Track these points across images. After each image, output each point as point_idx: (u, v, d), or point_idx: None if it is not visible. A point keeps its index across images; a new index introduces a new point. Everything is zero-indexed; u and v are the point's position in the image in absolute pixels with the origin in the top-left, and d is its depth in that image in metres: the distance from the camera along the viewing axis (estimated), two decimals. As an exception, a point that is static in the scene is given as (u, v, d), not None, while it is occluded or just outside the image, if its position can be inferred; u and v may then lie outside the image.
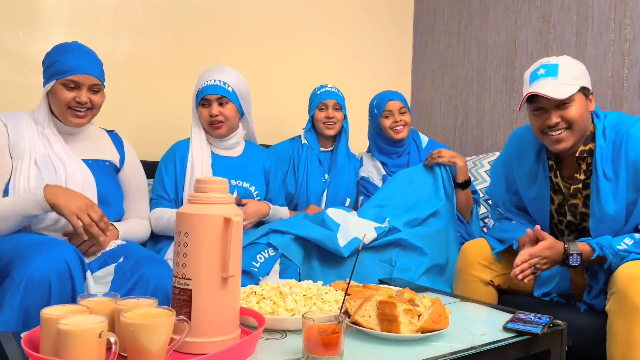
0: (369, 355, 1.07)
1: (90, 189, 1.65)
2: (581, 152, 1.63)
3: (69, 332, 0.87)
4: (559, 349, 1.27)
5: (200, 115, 2.04)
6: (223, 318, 1.03)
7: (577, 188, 1.66)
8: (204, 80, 2.03)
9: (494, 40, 3.00)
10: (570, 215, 1.71)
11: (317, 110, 2.40)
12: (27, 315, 1.30)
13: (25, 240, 1.45)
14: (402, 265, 1.93)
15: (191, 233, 1.02)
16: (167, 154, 2.09)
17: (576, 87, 1.56)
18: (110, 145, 1.84)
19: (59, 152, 1.64)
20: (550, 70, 1.58)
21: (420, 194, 2.18)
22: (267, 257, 1.83)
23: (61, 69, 1.62)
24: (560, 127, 1.58)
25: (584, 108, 1.59)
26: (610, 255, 1.49)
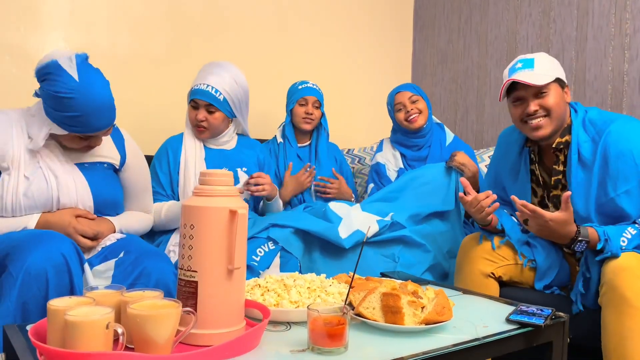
0: (373, 347, 1.07)
1: (85, 197, 1.59)
2: (558, 143, 1.71)
3: (77, 323, 0.87)
4: (561, 340, 1.28)
5: (189, 114, 2.07)
6: (228, 310, 1.04)
7: (557, 179, 1.72)
8: (199, 81, 2.02)
9: (494, 34, 3.00)
10: (552, 207, 1.74)
11: (297, 105, 2.38)
12: (24, 308, 1.30)
13: (21, 234, 1.45)
14: (405, 261, 1.93)
15: (197, 225, 1.02)
16: (160, 151, 2.10)
17: (552, 77, 1.66)
18: (110, 145, 1.72)
19: (52, 162, 1.55)
20: (527, 64, 1.69)
21: (433, 195, 2.15)
22: (267, 250, 1.84)
23: (78, 127, 1.48)
24: (538, 115, 1.67)
25: (560, 98, 1.68)
26: (609, 252, 1.50)
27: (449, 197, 2.15)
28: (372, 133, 3.10)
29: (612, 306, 1.42)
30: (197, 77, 2.06)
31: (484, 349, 1.14)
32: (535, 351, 1.27)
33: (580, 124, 1.68)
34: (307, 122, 2.39)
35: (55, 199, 1.54)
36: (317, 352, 1.01)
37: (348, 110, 3.15)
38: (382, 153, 2.48)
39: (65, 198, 1.55)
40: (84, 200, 1.59)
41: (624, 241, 1.50)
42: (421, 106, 2.36)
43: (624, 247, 1.50)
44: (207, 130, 2.04)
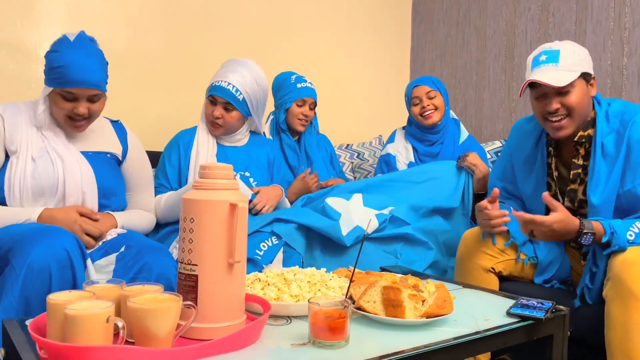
0: (374, 340, 1.07)
1: (90, 182, 1.62)
2: (580, 137, 1.65)
3: (77, 317, 0.87)
4: (562, 334, 1.28)
5: (205, 109, 2.05)
6: (229, 303, 1.03)
7: (576, 173, 1.68)
8: (220, 78, 2.00)
9: (493, 29, 2.99)
10: (568, 201, 1.71)
11: (295, 105, 2.33)
12: (27, 303, 1.30)
13: (24, 228, 1.45)
14: (406, 257, 1.93)
15: (197, 219, 1.01)
16: (171, 143, 2.09)
17: (576, 73, 1.58)
18: (112, 136, 1.79)
19: (57, 146, 1.60)
20: (552, 57, 1.60)
21: (439, 190, 2.13)
22: (270, 245, 1.83)
23: (60, 79, 1.53)
24: (560, 114, 1.61)
25: (584, 94, 1.61)
26: (616, 246, 1.47)
27: (456, 195, 2.14)
28: (371, 128, 3.10)
29: (618, 300, 1.41)
30: (218, 72, 2.04)
31: (484, 342, 1.14)
32: (536, 344, 1.27)
33: (603, 117, 1.62)
34: (302, 125, 2.37)
35: (62, 181, 1.56)
36: (318, 345, 1.01)
37: (346, 105, 3.15)
38: (393, 144, 2.45)
39: (71, 182, 1.57)
40: (89, 186, 1.62)
41: (631, 235, 1.48)
42: (438, 102, 2.33)
43: (631, 241, 1.47)
44: (222, 127, 2.03)
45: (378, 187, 2.14)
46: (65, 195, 1.58)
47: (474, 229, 1.86)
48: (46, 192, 1.56)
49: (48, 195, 1.56)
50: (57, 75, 1.53)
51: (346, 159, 2.86)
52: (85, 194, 1.61)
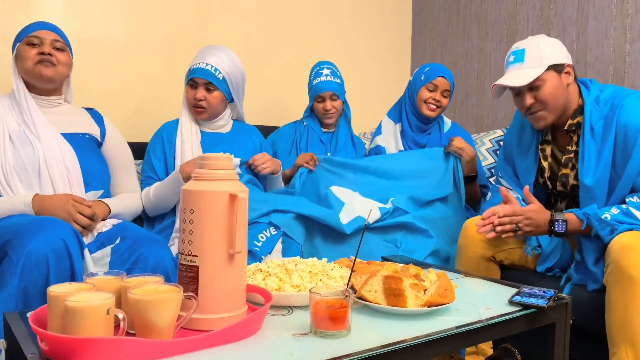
0: (375, 330, 1.07)
1: (71, 160, 1.65)
2: (569, 125, 1.70)
3: (77, 309, 0.86)
4: (564, 322, 1.28)
5: (186, 94, 2.05)
6: (230, 294, 1.03)
7: (568, 158, 1.72)
8: (197, 60, 2.03)
9: (494, 16, 2.97)
10: (560, 185, 1.74)
11: (315, 102, 2.37)
12: (26, 294, 1.30)
13: (21, 220, 1.45)
14: (407, 246, 1.93)
15: (197, 210, 1.01)
16: (155, 136, 2.09)
17: (542, 67, 1.64)
18: (89, 120, 1.84)
19: (35, 127, 1.64)
20: (518, 56, 1.69)
21: (430, 176, 2.15)
22: (269, 236, 1.83)
23: (22, 32, 1.68)
24: (535, 109, 1.68)
25: (556, 86, 1.66)
26: (595, 222, 1.52)
27: (446, 181, 2.15)
28: (371, 117, 3.08)
29: (618, 286, 1.42)
30: (195, 58, 2.05)
31: (486, 331, 1.13)
32: (538, 333, 1.27)
33: (593, 102, 1.66)
34: (327, 118, 2.38)
35: (42, 160, 1.60)
36: (320, 335, 1.00)
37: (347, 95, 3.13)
38: (381, 136, 2.45)
39: (52, 159, 1.61)
40: (72, 163, 1.65)
41: (606, 217, 1.52)
42: (445, 102, 2.34)
43: (608, 219, 1.51)
44: (205, 110, 2.03)
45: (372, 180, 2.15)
46: (50, 174, 1.60)
47: (475, 218, 1.86)
48: (29, 171, 1.59)
49: (32, 174, 1.59)
50: (23, 31, 1.69)
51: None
52: (69, 169, 1.63)
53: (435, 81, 2.30)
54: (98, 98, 1.95)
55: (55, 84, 1.73)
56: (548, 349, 1.28)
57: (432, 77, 2.31)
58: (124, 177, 1.88)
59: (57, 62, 1.69)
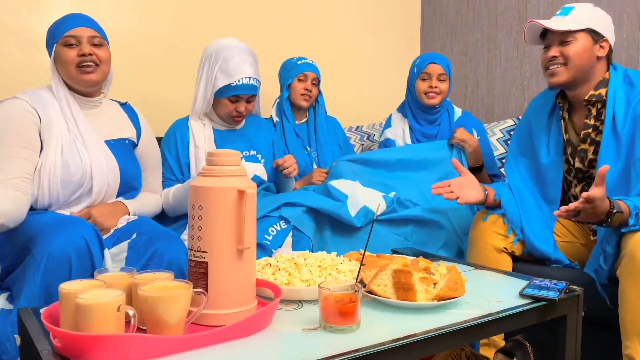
0: (385, 324, 1.07)
1: (114, 177, 1.65)
2: (590, 95, 1.67)
3: (88, 306, 0.87)
4: (575, 314, 1.27)
5: (223, 107, 1.99)
6: (239, 290, 1.03)
7: (586, 133, 1.69)
8: (238, 75, 1.92)
9: (504, 4, 2.93)
10: (578, 162, 1.71)
11: (296, 80, 2.33)
12: (48, 292, 1.32)
13: (44, 218, 1.46)
14: (418, 239, 1.92)
15: (205, 206, 1.01)
16: (168, 135, 2.07)
17: (581, 26, 1.63)
18: (126, 120, 1.81)
19: (83, 135, 1.61)
20: (565, 10, 1.69)
21: (438, 168, 2.14)
22: (279, 229, 1.84)
23: (61, 30, 1.60)
24: (557, 62, 1.66)
25: (586, 49, 1.65)
26: (636, 225, 1.43)
27: (454, 173, 2.12)
28: (381, 109, 3.07)
29: (633, 279, 1.40)
30: (229, 67, 1.93)
31: (497, 324, 1.13)
32: (550, 325, 1.26)
33: (620, 79, 1.65)
34: (305, 99, 2.35)
35: (89, 174, 1.59)
36: (329, 330, 1.01)
37: (355, 86, 3.11)
38: (391, 129, 2.44)
39: (97, 173, 1.60)
40: (113, 179, 1.65)
41: None
42: (444, 87, 2.31)
43: None
44: (243, 118, 2.04)
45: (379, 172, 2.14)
46: (93, 187, 1.61)
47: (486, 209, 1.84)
48: (74, 181, 1.58)
49: (76, 185, 1.58)
50: (57, 31, 1.61)
51: (356, 141, 2.84)
52: (109, 185, 1.64)
53: (426, 69, 2.29)
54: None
55: (100, 85, 1.71)
56: (560, 341, 1.27)
57: (423, 66, 2.30)
58: (150, 177, 1.87)
59: (99, 61, 1.64)
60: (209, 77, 1.97)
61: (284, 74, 2.39)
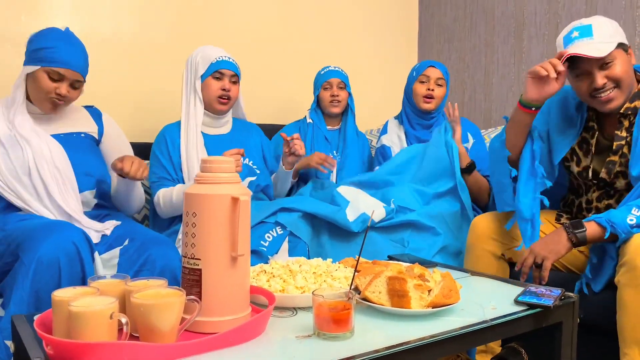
0: (379, 331, 1.07)
1: (62, 161, 1.64)
2: (626, 109, 1.60)
3: (80, 313, 0.87)
4: (571, 321, 1.27)
5: (209, 87, 2.02)
6: (233, 297, 1.03)
7: (619, 145, 1.62)
8: (217, 55, 2.02)
9: (501, 11, 2.94)
10: (605, 173, 1.65)
11: (322, 89, 2.40)
12: (38, 297, 1.32)
13: (33, 223, 1.46)
14: (414, 245, 1.91)
15: (199, 213, 1.01)
16: (158, 139, 2.07)
17: (613, 44, 1.53)
18: (86, 119, 1.83)
19: (24, 132, 1.62)
20: (584, 32, 1.56)
21: (432, 170, 2.13)
22: (275, 235, 1.83)
23: (50, 58, 1.60)
24: (608, 87, 1.56)
25: (627, 63, 1.57)
26: (622, 233, 1.44)
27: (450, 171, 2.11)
28: (378, 115, 3.07)
29: (632, 286, 1.39)
30: (206, 54, 2.04)
31: (492, 331, 1.13)
32: (546, 331, 1.26)
33: None
34: (334, 105, 2.39)
35: (32, 163, 1.59)
36: (323, 337, 1.00)
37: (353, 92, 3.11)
38: (387, 135, 2.44)
39: (42, 162, 1.60)
40: (63, 164, 1.64)
41: (632, 219, 1.45)
42: (440, 93, 2.32)
43: (634, 224, 1.44)
44: (229, 101, 2.04)
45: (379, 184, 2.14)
46: (41, 176, 1.59)
47: (484, 215, 1.84)
48: (19, 174, 1.58)
49: (23, 177, 1.59)
50: (46, 54, 1.60)
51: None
52: (59, 170, 1.62)
53: (425, 72, 2.31)
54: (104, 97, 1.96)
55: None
56: (555, 348, 1.27)
57: (422, 69, 2.32)
58: None
59: (69, 99, 1.69)
60: (191, 70, 2.05)
61: (314, 87, 2.48)
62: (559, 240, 1.52)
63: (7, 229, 1.48)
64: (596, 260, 1.56)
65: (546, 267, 1.51)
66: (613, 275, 1.48)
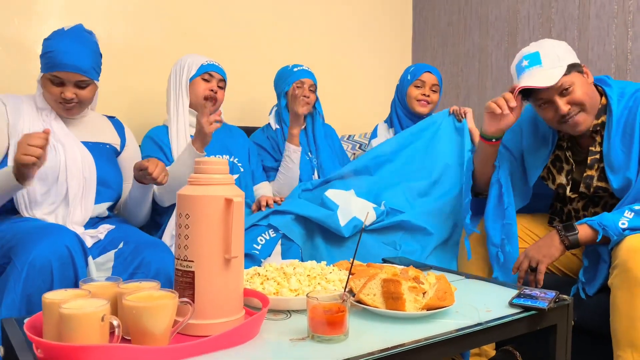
0: (374, 334, 1.06)
1: (90, 170, 1.64)
2: (594, 126, 1.62)
3: (71, 316, 0.86)
4: (565, 323, 1.27)
5: (197, 87, 2.05)
6: (227, 299, 1.02)
7: (594, 159, 1.64)
8: (204, 59, 2.09)
9: (495, 15, 2.95)
10: (583, 188, 1.67)
11: (294, 85, 2.29)
12: (29, 301, 1.30)
13: (26, 226, 1.45)
14: (407, 248, 1.91)
15: (192, 215, 1.00)
16: (146, 139, 2.05)
17: (563, 67, 1.55)
18: (111, 129, 1.84)
19: (59, 134, 1.62)
20: (533, 60, 1.59)
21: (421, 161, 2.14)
22: (268, 238, 1.82)
23: (51, 63, 1.58)
24: (573, 113, 1.57)
25: (585, 85, 1.58)
26: (614, 236, 1.45)
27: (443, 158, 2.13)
28: (373, 118, 3.06)
29: (625, 288, 1.39)
30: (198, 58, 2.09)
31: (486, 334, 1.12)
32: (540, 334, 1.26)
33: (617, 97, 1.59)
34: (304, 104, 2.33)
35: (63, 166, 1.58)
36: (317, 340, 1.00)
37: (347, 95, 3.12)
38: (377, 139, 2.45)
39: (72, 166, 1.60)
40: (90, 172, 1.64)
41: (623, 223, 1.46)
42: (434, 98, 2.35)
43: (625, 228, 1.45)
44: (216, 103, 2.07)
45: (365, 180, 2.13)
46: (67, 179, 1.58)
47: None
48: (49, 177, 1.56)
49: (51, 179, 1.56)
50: (47, 60, 1.59)
51: (348, 150, 2.83)
52: (86, 179, 1.63)
53: (422, 77, 2.32)
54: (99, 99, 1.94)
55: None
56: (550, 350, 1.27)
57: (419, 74, 2.33)
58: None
59: (80, 101, 1.64)
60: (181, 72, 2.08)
61: (280, 82, 2.37)
62: (551, 243, 1.53)
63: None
64: (588, 263, 1.56)
65: (541, 271, 1.52)
66: (607, 278, 1.48)
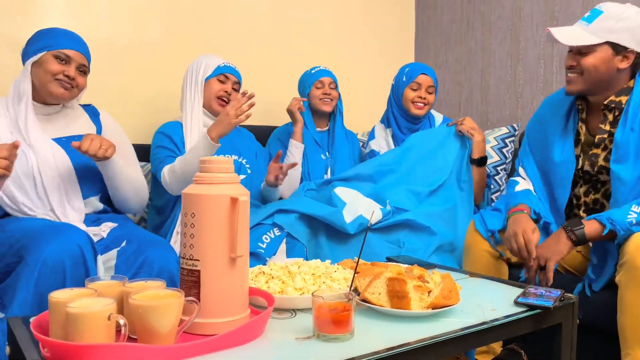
0: (379, 332, 1.06)
1: (65, 167, 1.63)
2: (610, 101, 1.63)
3: (78, 315, 0.86)
4: (571, 322, 1.27)
5: (211, 87, 2.06)
6: (232, 298, 1.02)
7: (601, 138, 1.65)
8: (221, 61, 2.10)
9: (498, 13, 2.94)
10: (588, 165, 1.67)
11: (314, 88, 2.38)
12: (41, 299, 1.31)
13: (37, 224, 1.45)
14: (410, 246, 1.91)
15: (198, 214, 1.00)
16: (158, 136, 2.05)
17: (601, 39, 1.57)
18: (86, 119, 1.81)
19: (29, 137, 1.59)
20: (592, 15, 1.61)
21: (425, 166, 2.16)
22: (273, 237, 1.83)
23: (54, 43, 1.62)
24: (574, 71, 1.63)
25: (604, 62, 1.59)
26: (621, 230, 1.45)
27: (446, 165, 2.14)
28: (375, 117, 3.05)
29: (632, 285, 1.38)
30: (214, 59, 2.11)
31: (492, 333, 1.12)
32: (545, 332, 1.26)
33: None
34: (325, 103, 2.38)
35: (36, 169, 1.57)
36: (323, 339, 1.00)
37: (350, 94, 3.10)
38: (375, 140, 2.46)
39: (46, 168, 1.59)
40: (66, 170, 1.63)
41: (631, 217, 1.46)
42: (431, 100, 2.35)
43: (634, 223, 1.44)
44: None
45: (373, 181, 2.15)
46: (43, 182, 1.58)
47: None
48: (24, 181, 1.56)
49: (28, 186, 1.57)
50: (49, 41, 1.63)
51: (351, 149, 2.84)
52: (63, 177, 1.61)
53: (417, 79, 2.32)
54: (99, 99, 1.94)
55: (63, 102, 1.72)
56: (555, 349, 1.27)
57: (414, 76, 2.33)
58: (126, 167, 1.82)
59: (75, 86, 1.68)
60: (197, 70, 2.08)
61: (302, 86, 2.46)
62: (559, 240, 1.53)
63: (7, 229, 1.47)
64: (597, 260, 1.55)
65: (549, 268, 1.51)
66: (614, 275, 1.48)
